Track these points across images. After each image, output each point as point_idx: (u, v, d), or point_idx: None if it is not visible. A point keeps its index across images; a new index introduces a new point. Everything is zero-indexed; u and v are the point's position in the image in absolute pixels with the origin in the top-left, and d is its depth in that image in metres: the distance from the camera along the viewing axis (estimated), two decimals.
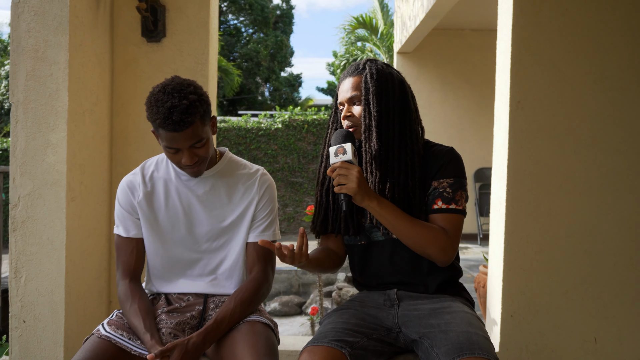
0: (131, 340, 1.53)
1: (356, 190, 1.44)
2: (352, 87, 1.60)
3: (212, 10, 2.56)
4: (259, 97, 21.62)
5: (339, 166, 1.47)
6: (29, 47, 2.11)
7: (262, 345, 1.49)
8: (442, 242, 1.49)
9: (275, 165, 10.31)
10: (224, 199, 1.66)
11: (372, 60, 1.64)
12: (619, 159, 2.25)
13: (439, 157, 1.57)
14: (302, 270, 6.52)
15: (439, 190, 1.54)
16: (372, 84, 1.56)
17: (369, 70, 1.59)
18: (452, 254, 1.52)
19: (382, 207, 1.49)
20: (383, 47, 11.50)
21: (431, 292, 1.60)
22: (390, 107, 1.57)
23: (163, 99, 1.46)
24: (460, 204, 1.54)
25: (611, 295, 2.27)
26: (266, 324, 1.61)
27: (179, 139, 1.49)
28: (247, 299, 1.59)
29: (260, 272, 1.65)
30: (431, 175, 1.56)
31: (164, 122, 1.45)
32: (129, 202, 1.66)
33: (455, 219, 1.53)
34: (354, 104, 1.60)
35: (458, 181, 1.55)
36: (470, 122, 7.53)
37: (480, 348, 1.34)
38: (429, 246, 1.49)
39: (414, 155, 1.56)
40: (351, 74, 1.62)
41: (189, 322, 1.63)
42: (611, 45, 2.24)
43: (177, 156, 1.53)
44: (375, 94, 1.56)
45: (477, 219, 7.59)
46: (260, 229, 1.68)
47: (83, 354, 1.46)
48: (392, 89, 1.58)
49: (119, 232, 1.68)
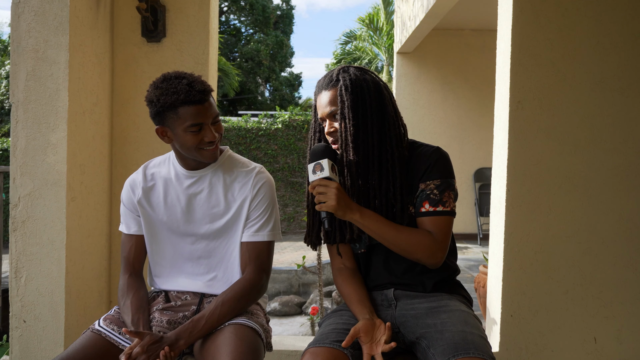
0: (121, 334, 1.55)
1: (336, 206, 1.44)
2: (330, 102, 1.56)
3: (212, 10, 2.56)
4: (259, 97, 21.62)
5: (317, 184, 1.46)
6: (29, 47, 2.11)
7: (243, 352, 1.44)
8: (428, 246, 1.48)
9: (275, 165, 10.32)
10: (221, 197, 1.66)
11: (344, 68, 1.59)
12: (619, 159, 2.25)
13: (425, 158, 1.55)
14: (302, 270, 6.52)
15: (426, 192, 1.52)
16: (347, 97, 1.52)
17: (343, 82, 1.54)
18: (441, 256, 1.51)
19: (364, 219, 1.48)
20: (383, 46, 11.50)
21: (428, 290, 1.60)
22: (367, 117, 1.53)
23: (175, 81, 1.51)
24: (448, 205, 1.52)
25: (611, 295, 2.27)
26: (253, 329, 1.56)
27: (204, 112, 1.52)
28: (230, 300, 1.56)
29: (251, 273, 1.62)
30: (418, 177, 1.54)
31: (188, 96, 1.49)
32: (130, 201, 1.69)
33: (443, 221, 1.52)
34: (335, 118, 1.57)
35: (445, 182, 1.53)
36: (470, 122, 7.52)
37: (476, 348, 1.34)
38: (415, 252, 1.49)
39: (395, 161, 1.54)
40: (326, 87, 1.58)
41: (180, 321, 1.61)
42: (611, 45, 2.24)
43: (199, 135, 1.54)
44: (350, 108, 1.52)
45: (477, 219, 7.59)
46: (254, 229, 1.65)
47: (73, 347, 1.50)
48: (368, 98, 1.54)
49: (122, 229, 1.73)
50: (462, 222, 7.65)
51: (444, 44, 7.55)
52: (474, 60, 7.46)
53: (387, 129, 1.56)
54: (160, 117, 1.55)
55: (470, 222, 7.68)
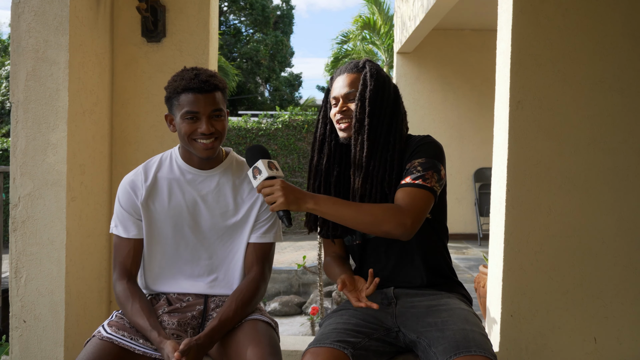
0: (133, 340, 1.53)
1: (285, 202, 1.44)
2: (350, 84, 1.62)
3: (212, 10, 2.56)
4: (259, 97, 21.62)
5: (261, 187, 1.47)
6: (29, 47, 2.11)
7: (267, 344, 1.50)
8: (395, 215, 1.43)
9: None
10: (229, 198, 1.66)
11: (371, 61, 1.67)
12: (619, 159, 2.25)
13: (414, 143, 1.59)
14: (302, 270, 6.52)
15: (410, 170, 1.53)
16: (371, 82, 1.59)
17: (369, 69, 1.62)
18: (410, 225, 1.43)
19: (320, 205, 1.46)
20: (382, 46, 11.50)
21: (426, 285, 1.61)
22: (383, 107, 1.60)
23: (187, 71, 1.58)
24: (429, 182, 1.49)
25: (611, 295, 2.27)
26: (268, 323, 1.62)
27: (202, 102, 1.53)
28: (247, 300, 1.60)
29: (258, 272, 1.66)
30: (406, 160, 1.58)
31: (190, 83, 1.53)
32: (131, 203, 1.64)
33: (418, 192, 1.47)
34: (350, 100, 1.62)
35: (430, 161, 1.53)
36: (470, 122, 7.52)
37: (477, 345, 1.35)
38: (381, 222, 1.44)
39: (395, 153, 1.58)
40: (349, 71, 1.64)
41: (190, 322, 1.63)
42: (611, 45, 2.24)
43: (194, 124, 1.55)
44: (372, 92, 1.58)
45: (477, 219, 7.59)
46: (262, 231, 1.68)
47: (86, 356, 1.45)
48: (387, 91, 1.62)
49: (119, 232, 1.66)
50: (462, 222, 7.65)
51: (444, 44, 7.55)
52: (474, 60, 7.46)
53: (396, 123, 1.62)
54: (168, 104, 1.61)
55: (470, 222, 7.68)
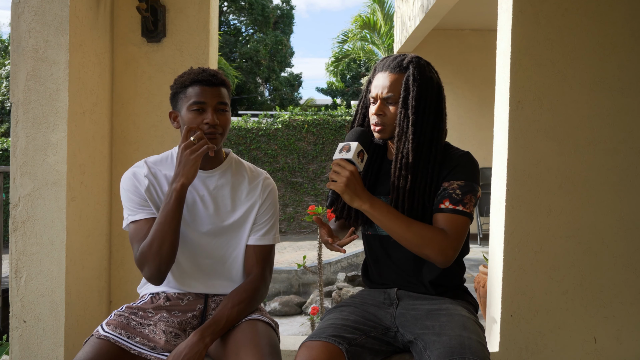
0: (130, 339, 1.53)
1: (343, 189, 1.44)
2: (390, 86, 1.55)
3: (212, 10, 2.56)
4: (259, 97, 21.62)
5: (336, 163, 1.47)
6: (29, 47, 2.11)
7: (265, 344, 1.50)
8: (440, 242, 1.45)
9: (275, 165, 10.32)
10: (227, 199, 1.67)
11: (416, 59, 1.57)
12: (619, 159, 2.25)
13: (453, 159, 1.54)
14: (302, 270, 6.52)
15: (448, 191, 1.51)
16: (414, 87, 1.52)
17: (412, 71, 1.54)
18: (452, 255, 1.47)
19: (374, 209, 1.46)
20: (382, 46, 11.49)
21: (431, 292, 1.60)
22: (426, 114, 1.53)
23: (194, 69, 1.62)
24: (468, 207, 1.50)
25: (611, 295, 2.27)
26: (267, 323, 1.62)
27: (209, 94, 1.57)
28: (244, 300, 1.60)
29: (258, 274, 1.66)
30: (443, 177, 1.53)
31: (198, 76, 1.57)
32: (137, 190, 1.60)
33: (460, 220, 1.49)
34: (389, 104, 1.56)
35: (469, 184, 1.51)
36: (470, 122, 7.53)
37: (472, 352, 1.33)
38: (425, 247, 1.45)
39: (435, 162, 1.54)
40: (392, 70, 1.56)
41: (190, 321, 1.64)
42: (611, 45, 2.24)
43: (200, 116, 1.57)
44: (414, 99, 1.51)
45: (477, 219, 7.59)
46: (261, 233, 1.69)
47: (83, 355, 1.46)
48: (430, 96, 1.54)
49: (134, 217, 1.58)
50: None
51: (444, 44, 7.55)
52: (474, 60, 7.46)
53: (438, 130, 1.56)
54: (174, 100, 1.63)
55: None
